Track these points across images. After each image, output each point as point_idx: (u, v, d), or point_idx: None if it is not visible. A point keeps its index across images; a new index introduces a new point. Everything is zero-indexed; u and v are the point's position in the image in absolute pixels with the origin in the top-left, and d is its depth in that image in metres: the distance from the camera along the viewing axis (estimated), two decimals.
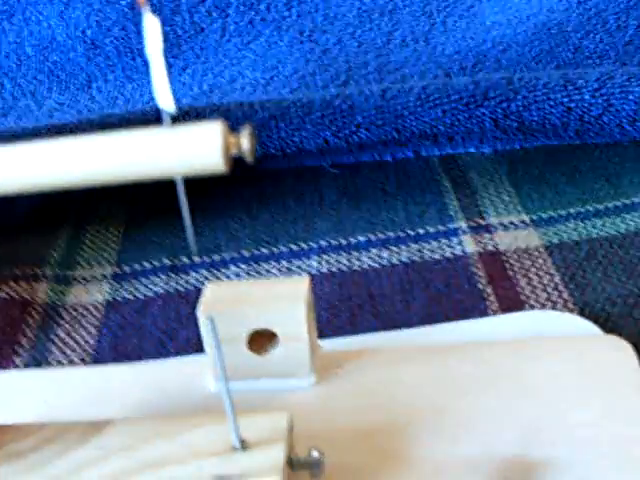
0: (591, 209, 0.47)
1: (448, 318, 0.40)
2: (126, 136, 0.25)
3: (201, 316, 0.34)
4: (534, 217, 0.47)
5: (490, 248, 0.45)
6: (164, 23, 0.66)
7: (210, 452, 0.29)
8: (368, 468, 0.32)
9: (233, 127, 0.24)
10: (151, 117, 0.48)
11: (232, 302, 0.35)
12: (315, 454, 0.30)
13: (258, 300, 0.35)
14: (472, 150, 0.54)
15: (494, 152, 0.54)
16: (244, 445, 0.29)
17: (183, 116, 0.48)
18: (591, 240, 0.45)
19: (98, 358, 0.40)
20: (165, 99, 0.25)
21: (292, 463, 0.30)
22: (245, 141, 0.25)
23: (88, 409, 0.36)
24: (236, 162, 0.52)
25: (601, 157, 0.52)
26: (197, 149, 0.25)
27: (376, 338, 0.39)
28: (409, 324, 0.40)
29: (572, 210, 0.47)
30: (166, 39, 0.66)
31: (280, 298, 0.34)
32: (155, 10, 0.63)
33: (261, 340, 0.36)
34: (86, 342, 0.41)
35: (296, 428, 0.31)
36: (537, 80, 0.49)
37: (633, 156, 0.52)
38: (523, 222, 0.47)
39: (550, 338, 0.37)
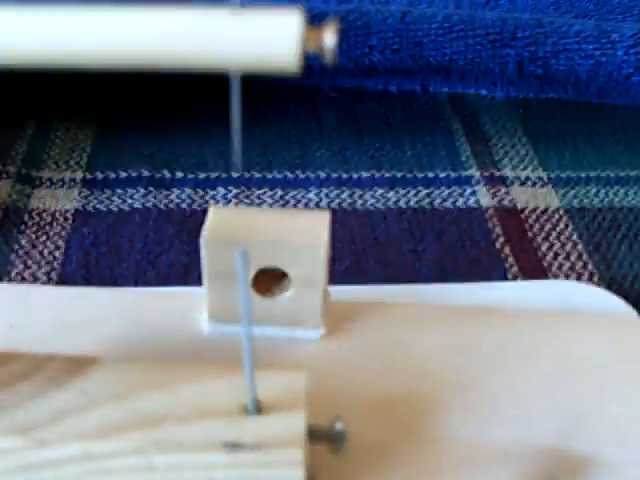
0: (612, 175, 0.43)
1: (463, 277, 0.36)
2: (182, 12, 0.20)
3: (206, 244, 0.29)
4: (552, 175, 0.43)
5: (506, 204, 0.41)
6: None
7: (218, 412, 0.25)
8: (389, 445, 0.27)
9: None
10: None
11: (240, 232, 0.30)
12: (339, 426, 0.25)
13: (271, 233, 0.30)
14: (484, 92, 0.50)
15: (506, 98, 0.50)
16: (259, 407, 0.25)
17: None
18: (614, 209, 0.41)
19: (65, 276, 0.35)
20: None
21: (312, 434, 0.25)
22: (328, 37, 0.20)
23: (60, 338, 0.31)
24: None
25: (621, 121, 0.48)
26: (268, 39, 0.20)
27: (387, 290, 0.35)
28: (419, 278, 0.36)
29: (592, 173, 0.44)
30: None
31: (298, 234, 0.30)
32: None
33: (267, 281, 0.31)
34: (52, 255, 0.36)
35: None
36: (569, 27, 0.45)
37: None
38: (541, 179, 0.43)
39: (587, 315, 0.33)
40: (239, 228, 0.30)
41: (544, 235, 0.39)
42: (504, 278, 0.36)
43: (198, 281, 0.35)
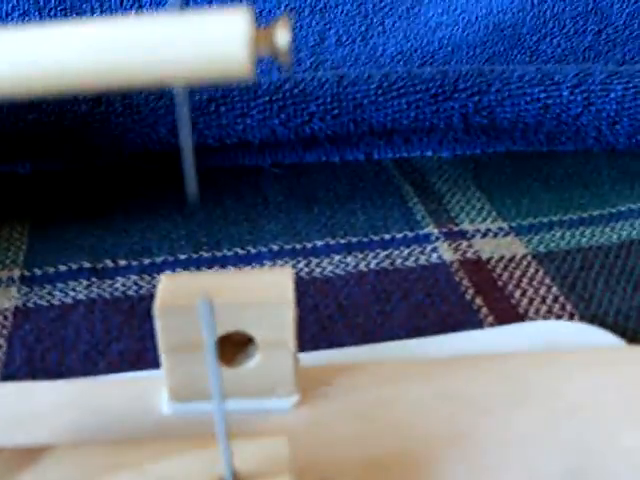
0: (575, 217, 0.42)
1: (438, 332, 0.34)
2: (123, 20, 0.18)
3: (160, 313, 0.27)
4: (512, 224, 0.41)
5: (471, 256, 0.39)
6: (71, 11, 0.58)
7: None
8: None
9: None
10: None
11: (197, 296, 0.27)
12: None
13: (231, 294, 0.27)
14: (429, 154, 0.48)
15: (453, 156, 0.48)
16: (237, 478, 0.22)
17: None
18: (583, 249, 0.39)
19: (10, 374, 0.32)
20: None
21: None
22: (280, 35, 0.18)
23: (8, 433, 0.27)
24: (161, 157, 0.44)
25: (574, 163, 0.47)
26: (214, 40, 0.18)
27: (359, 352, 0.32)
28: (391, 338, 0.33)
29: (554, 218, 0.42)
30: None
31: (261, 293, 0.27)
32: None
33: (230, 348, 0.28)
34: None
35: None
36: (512, 72, 0.44)
37: (606, 163, 0.47)
38: (502, 229, 0.41)
39: (578, 350, 0.31)
40: (195, 292, 0.27)
41: (515, 282, 0.37)
42: (481, 327, 0.34)
43: (152, 366, 0.32)
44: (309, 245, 0.40)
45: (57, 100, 0.43)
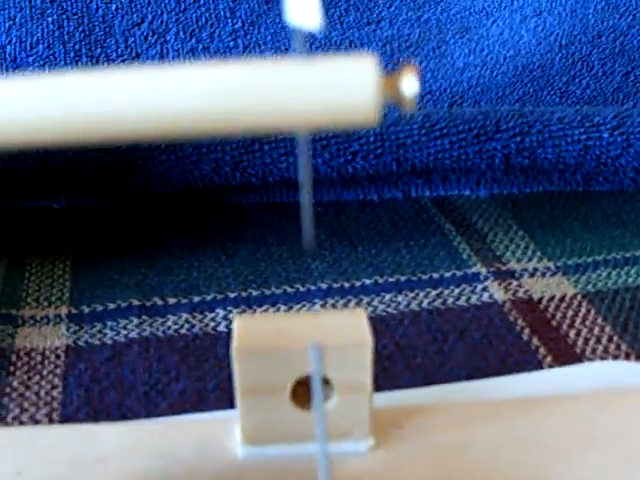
0: (618, 257, 0.42)
1: (497, 373, 0.34)
2: (245, 64, 0.18)
3: (238, 356, 0.26)
4: (559, 264, 0.41)
5: (522, 295, 0.39)
6: (95, 45, 0.58)
7: None
8: None
9: None
10: None
11: (274, 339, 0.27)
12: None
13: (308, 337, 0.27)
14: (467, 192, 0.48)
15: (490, 195, 0.48)
16: None
17: None
18: (631, 289, 0.39)
19: (68, 416, 0.31)
20: (306, 12, 0.17)
21: None
22: (408, 83, 0.18)
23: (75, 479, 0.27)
24: (201, 192, 0.44)
25: (611, 204, 0.47)
26: (342, 87, 0.18)
27: (425, 393, 0.32)
28: (451, 379, 0.33)
29: (598, 257, 0.42)
30: (97, 63, 0.58)
31: (338, 335, 0.27)
32: (85, 32, 0.55)
33: (304, 391, 0.28)
34: (49, 395, 0.32)
35: None
36: (551, 114, 0.44)
37: None
38: (549, 269, 0.41)
39: None
40: (271, 335, 0.27)
41: (569, 322, 0.37)
42: (540, 369, 0.34)
43: (214, 407, 0.32)
44: (358, 284, 0.40)
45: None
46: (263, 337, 0.27)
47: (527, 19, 0.59)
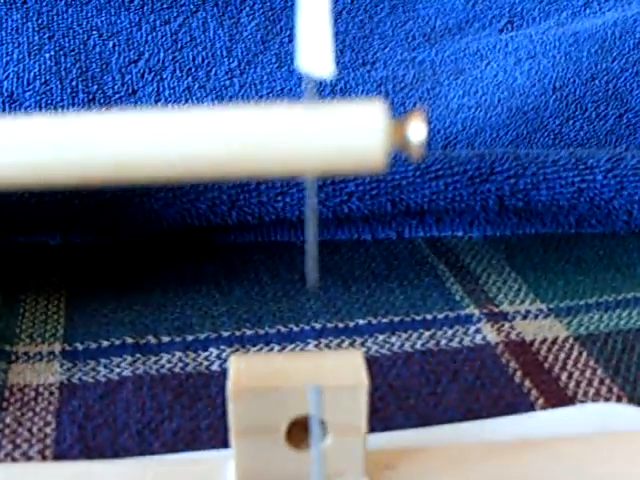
0: (610, 299, 0.42)
1: (490, 415, 0.34)
2: (253, 109, 0.18)
3: (234, 396, 0.26)
4: (551, 306, 0.42)
5: (514, 338, 0.39)
6: (92, 82, 0.59)
7: None
8: None
9: None
10: None
11: (270, 378, 0.27)
12: None
13: (304, 377, 0.27)
14: (460, 234, 0.49)
15: (483, 237, 0.49)
16: None
17: None
18: (622, 332, 0.40)
19: (62, 452, 0.31)
20: (318, 59, 0.18)
21: None
22: (416, 129, 0.19)
23: None
24: (197, 230, 0.44)
25: (603, 246, 0.47)
26: (351, 133, 0.18)
27: (418, 435, 0.32)
28: (444, 420, 0.33)
29: (590, 300, 0.42)
30: (94, 99, 0.58)
31: (334, 376, 0.27)
32: (82, 68, 0.56)
33: (298, 431, 0.28)
34: (42, 432, 0.32)
35: None
36: (546, 157, 0.44)
37: (637, 246, 0.47)
38: (541, 311, 0.41)
39: (633, 433, 0.31)
40: (267, 375, 0.27)
41: (560, 365, 0.37)
42: (532, 411, 0.34)
43: (207, 446, 0.32)
44: (351, 324, 0.40)
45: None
46: (259, 377, 0.27)
47: (521, 61, 0.59)
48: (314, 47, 0.18)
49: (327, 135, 0.18)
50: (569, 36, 0.59)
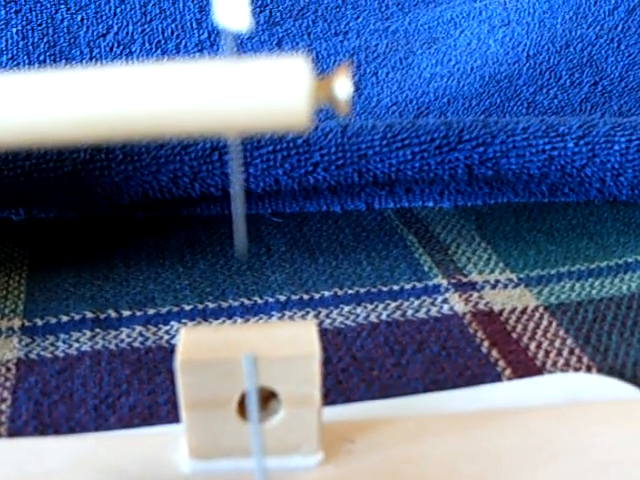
0: (583, 269, 0.41)
1: (456, 386, 0.33)
2: (175, 66, 0.17)
3: (182, 368, 0.26)
4: (521, 275, 0.41)
5: (483, 308, 0.38)
6: (60, 56, 0.58)
7: None
8: None
9: None
10: None
11: (220, 350, 0.26)
12: None
13: (255, 348, 0.26)
14: (430, 204, 0.48)
15: (454, 207, 0.48)
16: None
17: None
18: (594, 301, 0.39)
19: (16, 429, 0.31)
20: (235, 13, 0.17)
21: None
22: (341, 85, 0.18)
23: None
24: (160, 204, 0.43)
25: (576, 215, 0.47)
26: (274, 89, 0.17)
27: (379, 406, 0.31)
28: (408, 392, 0.33)
29: (562, 269, 0.41)
30: None
31: (286, 346, 0.26)
32: (49, 43, 0.54)
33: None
34: None
35: None
36: (516, 124, 0.43)
37: (610, 214, 0.46)
38: (511, 280, 0.40)
39: (603, 404, 0.30)
40: (218, 346, 0.26)
41: (529, 335, 0.36)
42: (499, 381, 0.33)
43: (165, 421, 0.31)
44: (317, 296, 0.39)
45: (56, 147, 0.42)
46: (208, 349, 0.26)
47: (495, 29, 0.58)
48: (231, 1, 0.17)
49: (248, 91, 0.17)
50: (543, 2, 0.58)
